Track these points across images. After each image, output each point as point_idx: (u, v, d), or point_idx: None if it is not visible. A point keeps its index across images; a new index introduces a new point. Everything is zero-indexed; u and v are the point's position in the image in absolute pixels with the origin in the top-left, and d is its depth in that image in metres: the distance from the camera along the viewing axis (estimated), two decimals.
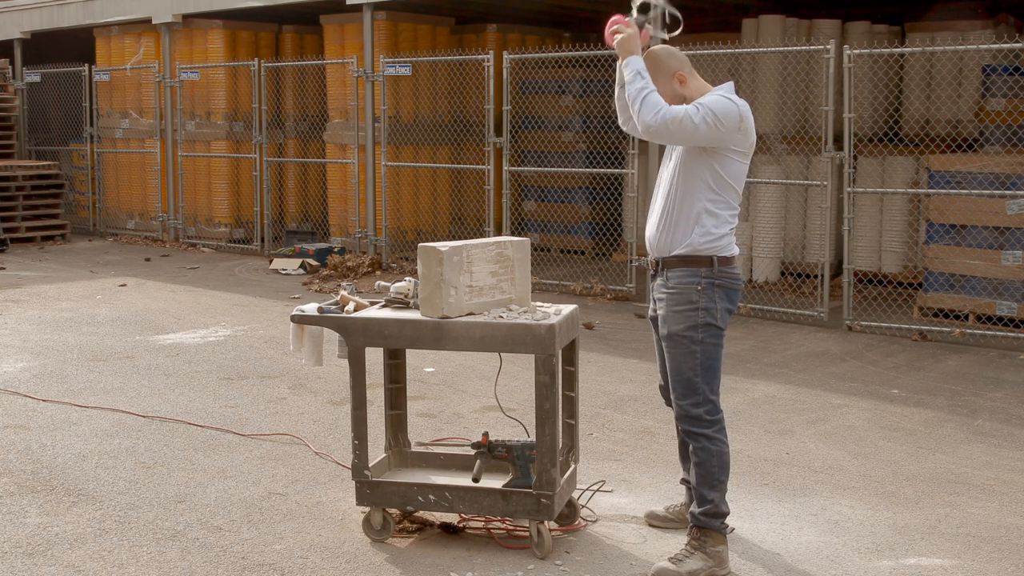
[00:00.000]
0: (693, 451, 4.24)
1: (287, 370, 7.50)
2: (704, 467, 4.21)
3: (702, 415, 4.21)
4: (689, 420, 4.23)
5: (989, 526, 4.74)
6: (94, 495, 5.03)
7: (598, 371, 7.50)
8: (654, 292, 4.37)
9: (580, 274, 11.62)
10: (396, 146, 12.92)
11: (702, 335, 4.18)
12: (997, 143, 10.03)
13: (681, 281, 4.21)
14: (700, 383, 4.19)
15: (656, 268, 4.33)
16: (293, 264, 12.33)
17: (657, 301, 4.32)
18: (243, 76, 14.31)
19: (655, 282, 4.35)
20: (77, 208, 17.14)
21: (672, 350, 4.23)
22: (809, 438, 6.02)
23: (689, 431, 4.25)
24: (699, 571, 4.14)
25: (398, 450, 4.86)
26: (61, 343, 8.35)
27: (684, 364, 4.20)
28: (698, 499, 4.24)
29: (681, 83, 4.27)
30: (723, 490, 4.23)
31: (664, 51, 4.33)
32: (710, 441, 4.21)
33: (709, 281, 4.19)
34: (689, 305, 4.18)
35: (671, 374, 4.26)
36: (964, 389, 7.15)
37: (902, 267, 10.78)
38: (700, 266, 4.19)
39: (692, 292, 4.18)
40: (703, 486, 4.21)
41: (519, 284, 4.50)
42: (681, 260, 4.22)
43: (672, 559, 4.17)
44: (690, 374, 4.19)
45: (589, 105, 13.29)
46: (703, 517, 4.21)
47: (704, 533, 4.20)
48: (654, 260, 4.34)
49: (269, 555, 4.36)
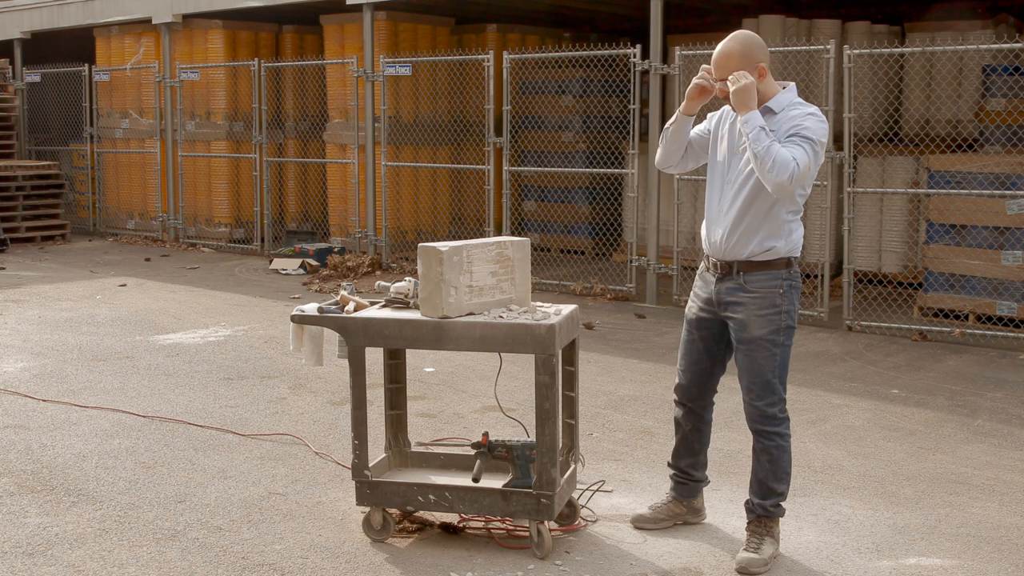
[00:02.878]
0: (765, 449, 4.31)
1: (287, 370, 7.50)
2: (777, 463, 4.31)
3: (776, 414, 4.30)
4: (765, 419, 4.30)
5: (989, 526, 4.74)
6: (94, 495, 5.03)
7: (598, 371, 7.50)
8: (719, 295, 4.32)
9: (580, 274, 11.62)
10: (396, 146, 12.92)
11: (783, 338, 4.26)
12: (997, 143, 10.03)
13: (764, 285, 4.23)
14: (777, 384, 4.28)
15: (724, 271, 4.30)
16: (293, 264, 12.33)
17: (730, 305, 4.29)
18: (243, 76, 14.31)
19: (721, 285, 4.31)
20: (77, 208, 17.14)
21: (753, 353, 4.26)
22: (809, 438, 6.02)
23: (763, 430, 4.31)
24: (775, 554, 4.30)
25: (398, 450, 4.86)
26: (61, 343, 8.35)
27: (765, 366, 4.25)
28: (765, 492, 4.33)
29: (760, 76, 4.19)
30: (789, 481, 4.38)
31: (757, 40, 4.24)
32: (783, 438, 4.32)
33: (788, 283, 4.25)
34: (773, 309, 4.23)
35: (750, 375, 4.28)
36: (964, 389, 7.15)
37: (902, 267, 10.78)
38: (780, 268, 4.23)
39: (775, 296, 4.23)
40: (773, 480, 4.32)
41: (519, 284, 4.50)
42: (763, 264, 4.23)
43: (749, 549, 4.27)
44: (770, 376, 4.26)
45: (589, 105, 13.29)
46: (772, 508, 4.34)
47: (771, 521, 4.35)
48: (721, 263, 4.30)
49: (269, 555, 4.36)
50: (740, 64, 4.17)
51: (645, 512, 4.70)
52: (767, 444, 4.31)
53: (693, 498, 4.68)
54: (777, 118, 4.18)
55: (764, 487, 4.33)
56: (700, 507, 4.71)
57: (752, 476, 4.38)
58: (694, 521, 4.69)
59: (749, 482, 4.41)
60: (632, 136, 10.54)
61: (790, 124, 4.14)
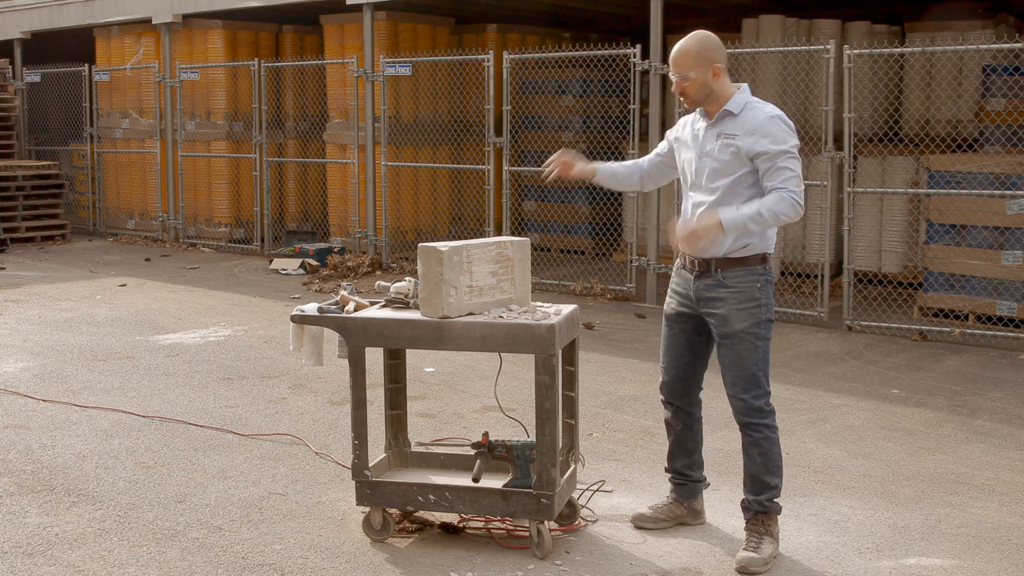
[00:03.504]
0: (754, 442, 4.32)
1: (287, 370, 7.50)
2: (767, 456, 4.33)
3: (763, 406, 4.32)
4: (751, 412, 4.31)
5: (989, 526, 4.74)
6: (94, 495, 5.03)
7: (598, 371, 7.50)
8: (698, 292, 4.37)
9: (580, 274, 11.62)
10: (396, 146, 12.92)
11: (764, 330, 4.30)
12: (997, 143, 10.03)
13: (742, 280, 4.28)
14: (762, 377, 4.31)
15: (703, 268, 4.34)
16: (293, 264, 12.33)
17: (709, 301, 4.33)
18: (243, 76, 14.31)
19: (700, 282, 4.35)
20: (77, 208, 17.14)
21: (735, 347, 4.29)
22: (809, 438, 6.02)
23: (751, 423, 4.32)
24: (774, 553, 4.29)
25: (398, 450, 4.86)
26: (61, 343, 8.35)
27: (748, 359, 4.29)
28: (759, 487, 4.34)
29: (715, 76, 4.26)
30: (782, 475, 4.38)
31: (715, 40, 4.31)
32: (771, 430, 4.33)
33: (764, 278, 4.31)
34: (752, 303, 4.27)
35: (734, 369, 4.31)
36: (964, 389, 7.15)
37: (902, 267, 10.78)
38: (756, 264, 4.29)
39: (753, 290, 4.28)
40: (766, 473, 4.33)
41: (519, 284, 4.50)
42: (740, 260, 4.28)
43: (749, 548, 4.27)
44: (754, 369, 4.29)
45: (589, 105, 13.29)
46: (768, 503, 4.34)
47: (768, 517, 4.34)
48: (699, 260, 4.34)
49: (269, 555, 4.36)
50: (696, 62, 4.24)
51: (645, 512, 4.70)
52: (756, 437, 4.32)
53: (693, 499, 4.68)
54: (737, 120, 4.25)
55: (757, 481, 4.34)
56: (700, 509, 4.71)
57: (744, 473, 4.39)
58: (694, 523, 4.69)
59: (743, 481, 4.42)
60: (632, 136, 10.54)
61: (753, 128, 4.20)
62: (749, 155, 4.20)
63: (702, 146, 4.32)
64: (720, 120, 4.28)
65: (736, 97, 4.28)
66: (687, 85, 4.26)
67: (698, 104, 4.33)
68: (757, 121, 4.21)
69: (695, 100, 4.30)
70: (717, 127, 4.29)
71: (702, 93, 4.27)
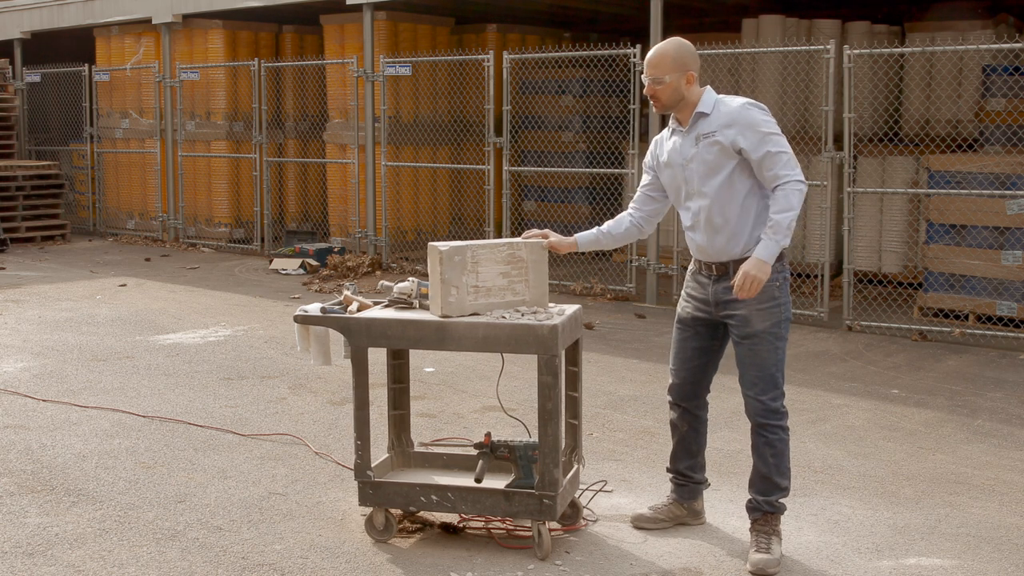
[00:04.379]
0: (768, 443, 4.32)
1: (287, 370, 7.50)
2: (780, 457, 4.33)
3: (779, 408, 4.32)
4: (768, 414, 4.31)
5: (989, 526, 4.75)
6: (94, 495, 5.03)
7: (598, 371, 7.50)
8: (716, 295, 4.35)
9: (580, 274, 11.62)
10: (396, 146, 12.92)
11: (783, 330, 4.31)
12: (997, 143, 10.03)
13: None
14: (780, 377, 4.32)
15: (720, 272, 4.33)
16: (293, 264, 12.33)
17: (729, 303, 4.31)
18: (243, 76, 14.31)
19: (719, 285, 4.33)
20: (77, 208, 17.15)
21: (756, 347, 4.28)
22: (809, 438, 6.02)
23: (767, 424, 4.32)
24: (781, 552, 4.31)
25: (401, 450, 4.86)
26: (61, 343, 8.35)
27: (768, 360, 4.28)
28: (769, 488, 4.34)
29: (688, 83, 4.29)
30: (790, 476, 4.40)
31: (690, 47, 4.33)
32: (784, 432, 4.34)
33: (782, 276, 4.30)
34: (772, 302, 4.27)
35: (755, 370, 4.30)
36: (964, 389, 7.15)
37: (902, 267, 10.78)
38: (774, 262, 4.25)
39: (773, 289, 4.27)
40: (777, 475, 4.33)
41: (534, 286, 4.48)
42: None
43: (760, 550, 4.27)
44: (773, 369, 4.29)
45: (589, 105, 13.29)
46: (778, 503, 4.35)
47: (775, 518, 4.35)
48: (716, 264, 4.33)
49: (269, 555, 4.36)
50: (673, 66, 4.26)
51: (645, 512, 4.70)
52: (771, 438, 4.31)
53: (693, 500, 4.68)
54: (711, 118, 4.27)
55: (768, 483, 4.34)
56: (700, 510, 4.71)
57: (754, 473, 4.38)
58: (694, 523, 4.69)
59: (750, 480, 4.41)
60: (632, 136, 10.54)
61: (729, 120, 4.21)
62: (735, 148, 4.20)
63: (685, 154, 4.33)
64: (695, 123, 4.30)
65: (704, 98, 4.30)
66: (660, 88, 4.28)
67: (668, 109, 4.34)
68: (731, 113, 4.23)
69: (665, 105, 4.32)
70: (694, 130, 4.30)
71: (673, 99, 4.29)
